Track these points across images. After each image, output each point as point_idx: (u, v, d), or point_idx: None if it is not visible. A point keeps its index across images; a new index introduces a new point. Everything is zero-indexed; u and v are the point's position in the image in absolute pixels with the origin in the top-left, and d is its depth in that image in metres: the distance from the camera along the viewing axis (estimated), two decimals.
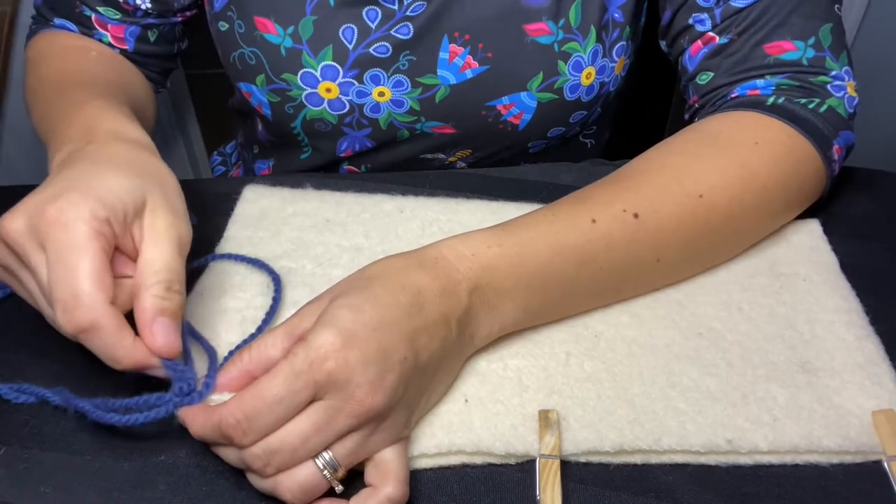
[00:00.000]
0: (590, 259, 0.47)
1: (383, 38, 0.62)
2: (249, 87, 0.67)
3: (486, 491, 0.42)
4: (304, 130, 0.69)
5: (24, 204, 0.42)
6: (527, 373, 0.47)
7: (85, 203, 0.41)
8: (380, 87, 0.64)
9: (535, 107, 0.65)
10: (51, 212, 0.40)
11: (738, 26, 0.57)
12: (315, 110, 0.66)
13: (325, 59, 0.63)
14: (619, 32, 0.65)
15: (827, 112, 0.55)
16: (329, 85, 0.64)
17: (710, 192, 0.50)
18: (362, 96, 0.65)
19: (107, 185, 0.42)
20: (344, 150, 0.71)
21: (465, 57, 0.63)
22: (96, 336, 0.39)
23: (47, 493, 0.42)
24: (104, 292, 0.40)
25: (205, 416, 0.40)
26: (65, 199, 0.41)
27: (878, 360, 0.48)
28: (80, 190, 0.41)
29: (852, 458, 0.43)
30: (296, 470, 0.39)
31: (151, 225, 0.43)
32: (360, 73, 0.63)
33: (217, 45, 0.68)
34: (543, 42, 0.62)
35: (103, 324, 0.39)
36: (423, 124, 0.67)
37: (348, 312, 0.40)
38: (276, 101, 0.66)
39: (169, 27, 0.70)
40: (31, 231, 0.41)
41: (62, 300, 0.39)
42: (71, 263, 0.39)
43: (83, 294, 0.39)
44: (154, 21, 0.68)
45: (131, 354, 0.40)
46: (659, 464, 0.44)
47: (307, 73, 0.63)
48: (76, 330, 0.39)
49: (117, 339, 0.40)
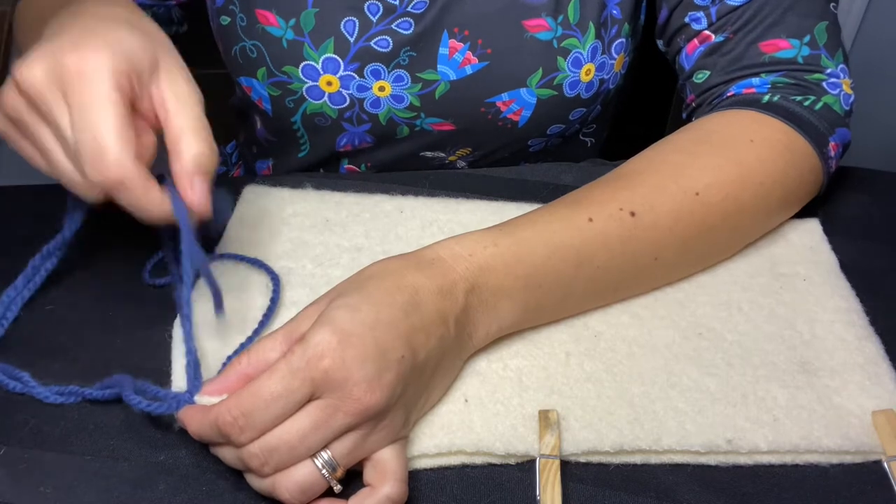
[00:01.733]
0: (587, 258, 0.47)
1: (384, 32, 0.62)
2: (250, 80, 0.67)
3: (486, 491, 0.42)
4: (304, 125, 0.69)
5: (41, 51, 0.40)
6: (527, 373, 0.47)
7: (107, 54, 0.40)
8: (380, 81, 0.64)
9: (534, 103, 0.65)
10: (72, 61, 0.39)
11: (734, 24, 0.58)
12: (315, 104, 0.66)
13: (327, 52, 0.63)
14: (618, 29, 0.65)
15: (822, 109, 0.55)
16: (330, 78, 0.64)
17: (707, 189, 0.50)
18: (363, 90, 0.65)
19: (121, 40, 0.41)
20: (343, 146, 0.71)
21: (465, 53, 0.63)
22: (126, 190, 0.40)
23: (47, 493, 0.42)
24: (132, 147, 0.40)
25: (202, 414, 0.40)
26: (86, 48, 0.40)
27: (878, 360, 0.48)
28: (99, 40, 0.40)
29: (852, 458, 0.43)
30: (294, 469, 0.39)
31: (174, 88, 0.43)
32: (361, 67, 0.64)
33: (218, 40, 0.68)
34: (543, 38, 0.62)
35: (133, 177, 0.40)
36: (422, 120, 0.67)
37: (345, 312, 0.40)
38: (276, 94, 0.66)
39: (164, 9, 0.70)
40: (53, 81, 0.40)
41: (91, 154, 0.39)
42: (96, 117, 0.39)
43: (112, 149, 0.39)
44: (149, 2, 0.68)
45: (161, 207, 0.41)
46: (659, 464, 0.44)
47: (308, 66, 0.64)
48: (107, 183, 0.40)
49: (146, 192, 0.40)
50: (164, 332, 0.50)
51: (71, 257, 0.53)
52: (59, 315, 0.52)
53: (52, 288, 0.53)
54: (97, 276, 0.55)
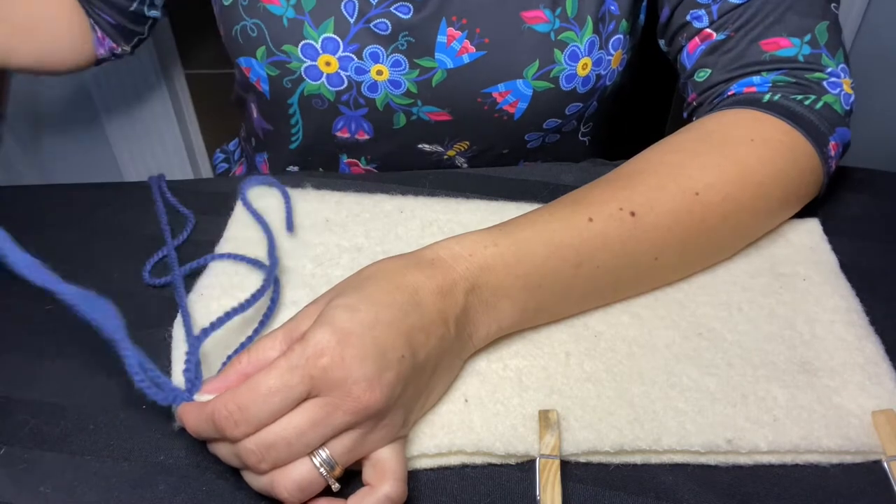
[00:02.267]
0: (587, 258, 0.47)
1: (384, 14, 0.63)
2: (249, 61, 0.67)
3: (486, 491, 0.42)
4: (301, 107, 0.69)
5: None
6: (527, 373, 0.47)
7: None
8: (378, 65, 0.65)
9: (530, 95, 0.65)
10: None
11: (735, 23, 0.58)
12: (313, 84, 0.66)
13: (327, 31, 0.63)
14: (616, 25, 0.65)
15: (823, 108, 0.55)
16: (329, 58, 0.64)
17: (707, 189, 0.50)
18: (361, 73, 0.65)
19: None
20: (339, 129, 0.71)
21: (463, 41, 0.63)
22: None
23: (47, 493, 0.42)
24: None
25: (199, 409, 0.40)
26: None
27: (878, 360, 0.48)
28: None
29: (852, 458, 0.43)
30: (292, 467, 0.39)
31: None
32: (360, 49, 0.64)
33: (220, 23, 0.69)
34: (540, 30, 0.63)
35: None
36: (419, 108, 0.67)
37: (344, 312, 0.40)
38: (274, 74, 0.67)
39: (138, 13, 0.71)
40: None
41: None
42: None
43: None
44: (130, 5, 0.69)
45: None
46: (659, 464, 0.44)
47: (308, 45, 0.64)
48: None
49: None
50: (164, 332, 0.50)
51: (70, 257, 0.53)
52: (58, 315, 0.52)
53: None
54: (97, 276, 0.55)
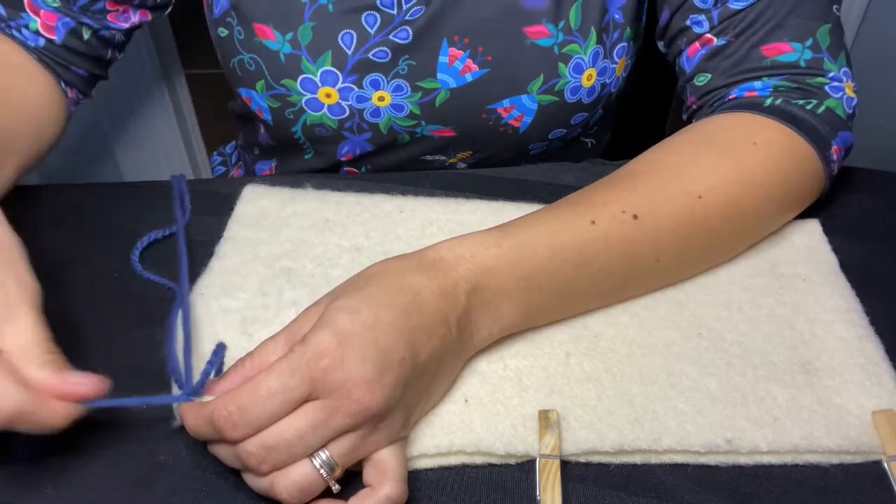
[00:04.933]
0: (589, 260, 0.47)
1: (382, 42, 0.62)
2: (250, 92, 0.67)
3: (486, 491, 0.42)
4: (305, 135, 0.69)
5: None
6: (527, 373, 0.47)
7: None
8: (379, 91, 0.64)
9: (535, 109, 0.65)
10: None
11: (736, 28, 0.57)
12: (315, 115, 0.66)
13: (325, 65, 0.63)
14: (620, 34, 0.65)
15: (825, 113, 0.55)
16: (329, 90, 0.64)
17: (709, 192, 0.50)
18: (362, 101, 0.65)
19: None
20: (345, 154, 0.71)
21: (465, 60, 0.63)
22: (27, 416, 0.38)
23: (47, 493, 0.42)
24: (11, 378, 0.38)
25: (199, 409, 0.40)
26: None
27: (878, 360, 0.48)
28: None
29: (852, 458, 0.43)
30: (292, 468, 0.39)
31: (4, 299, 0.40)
32: (360, 79, 0.63)
33: (217, 50, 0.68)
34: (543, 44, 0.62)
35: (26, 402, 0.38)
36: (423, 128, 0.67)
37: (345, 313, 0.40)
38: (276, 106, 0.66)
39: (107, 31, 0.64)
40: None
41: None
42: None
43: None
44: (90, 22, 0.62)
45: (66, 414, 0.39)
46: (659, 464, 0.44)
47: (306, 79, 0.63)
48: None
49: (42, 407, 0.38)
50: (163, 332, 0.50)
51: (70, 257, 0.53)
52: (58, 315, 0.52)
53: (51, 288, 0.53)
54: (96, 275, 0.55)
